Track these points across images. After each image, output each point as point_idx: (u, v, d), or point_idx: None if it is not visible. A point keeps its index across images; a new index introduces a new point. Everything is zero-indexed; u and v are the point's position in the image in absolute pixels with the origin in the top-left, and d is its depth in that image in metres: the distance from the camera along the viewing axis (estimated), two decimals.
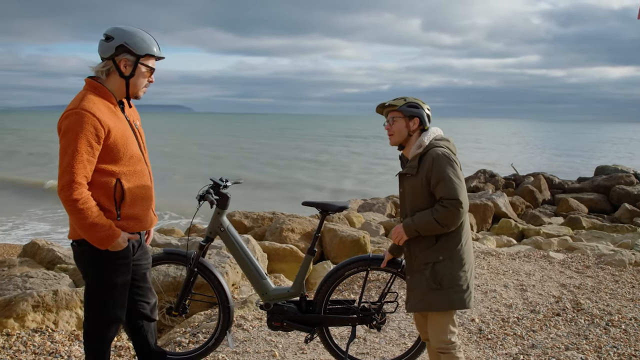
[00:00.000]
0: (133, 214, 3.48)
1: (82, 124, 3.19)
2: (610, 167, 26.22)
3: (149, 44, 3.44)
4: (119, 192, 3.38)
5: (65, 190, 3.18)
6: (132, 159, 3.45)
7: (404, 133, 3.86)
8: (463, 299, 3.75)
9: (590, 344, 5.42)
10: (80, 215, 3.22)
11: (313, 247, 4.53)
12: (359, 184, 34.77)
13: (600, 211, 19.39)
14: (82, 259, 3.52)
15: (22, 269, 7.81)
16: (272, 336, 5.34)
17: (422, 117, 3.84)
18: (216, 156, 50.35)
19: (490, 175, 26.00)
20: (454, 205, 3.58)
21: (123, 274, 3.53)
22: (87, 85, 3.43)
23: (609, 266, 8.39)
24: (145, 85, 3.53)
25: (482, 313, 6.13)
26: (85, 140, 3.19)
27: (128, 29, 3.41)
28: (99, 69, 3.43)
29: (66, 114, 3.26)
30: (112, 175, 3.36)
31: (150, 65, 3.48)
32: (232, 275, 6.69)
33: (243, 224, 10.85)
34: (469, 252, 3.82)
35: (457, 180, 3.62)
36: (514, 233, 13.43)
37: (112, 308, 3.57)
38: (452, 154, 3.72)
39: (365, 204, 18.35)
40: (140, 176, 3.51)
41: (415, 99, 3.88)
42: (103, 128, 3.26)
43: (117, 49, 3.36)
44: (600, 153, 66.43)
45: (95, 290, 3.54)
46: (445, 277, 3.71)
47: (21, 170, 36.86)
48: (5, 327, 5.16)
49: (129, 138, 3.45)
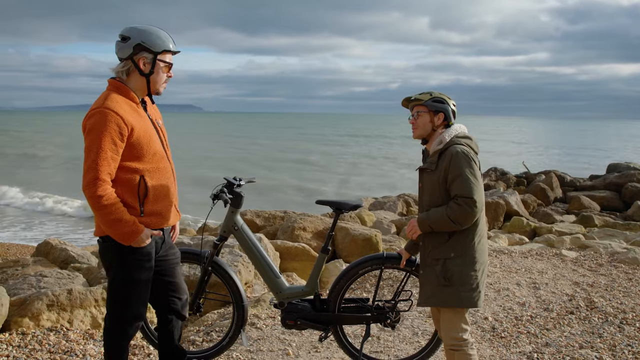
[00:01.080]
0: (156, 210, 3.54)
1: (106, 123, 3.27)
2: (622, 165, 26.09)
3: (164, 40, 3.51)
4: (143, 188, 3.44)
5: (89, 186, 3.24)
6: (155, 156, 3.51)
7: (427, 127, 3.87)
8: (472, 298, 3.74)
9: (605, 342, 5.39)
10: (105, 211, 3.28)
11: (327, 246, 4.53)
12: (340, 184, 33.62)
13: (613, 209, 19.30)
14: (106, 255, 3.59)
15: (35, 268, 7.86)
16: (286, 335, 5.35)
17: (447, 113, 3.85)
18: (206, 157, 49.53)
19: (501, 173, 25.92)
20: (467, 204, 3.58)
21: (146, 270, 3.57)
22: (110, 85, 3.50)
23: (622, 264, 8.34)
24: (164, 81, 3.60)
25: (495, 311, 6.12)
26: (109, 138, 3.26)
27: (143, 28, 3.48)
28: (119, 69, 3.50)
29: (90, 113, 3.34)
30: (136, 173, 3.42)
31: (167, 60, 3.56)
32: (245, 274, 6.70)
33: (255, 223, 10.87)
34: (482, 251, 3.80)
35: (474, 179, 3.62)
36: (525, 231, 13.37)
37: (135, 304, 3.62)
38: (471, 153, 3.72)
39: (377, 203, 18.34)
40: (163, 173, 3.57)
41: (441, 94, 3.89)
42: (126, 126, 3.33)
43: (134, 48, 3.43)
44: (612, 150, 66.07)
45: (118, 286, 3.60)
46: (455, 274, 3.72)
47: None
48: (21, 326, 5.19)
49: (151, 136, 3.52)
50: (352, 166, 44.57)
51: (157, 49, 3.47)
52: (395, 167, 43.88)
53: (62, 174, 36.24)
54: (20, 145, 59.55)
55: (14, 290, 6.04)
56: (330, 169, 42.18)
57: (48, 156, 48.16)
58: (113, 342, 3.69)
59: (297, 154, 54.99)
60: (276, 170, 38.94)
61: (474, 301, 3.75)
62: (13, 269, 8.10)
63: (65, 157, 45.98)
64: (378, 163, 47.37)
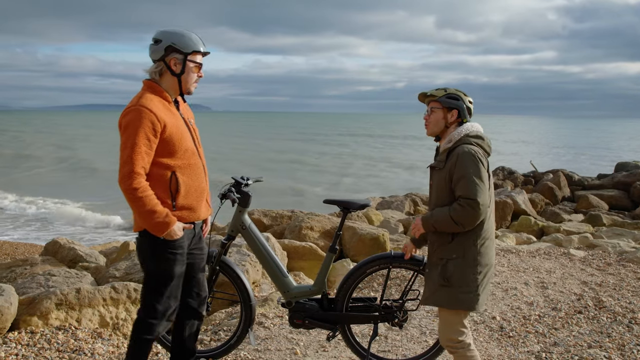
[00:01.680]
0: (187, 205, 3.69)
1: (140, 120, 3.44)
2: (630, 164, 26.00)
3: (194, 41, 3.67)
4: (174, 184, 3.60)
5: (125, 179, 3.41)
6: (186, 153, 3.67)
7: (440, 124, 3.82)
8: (469, 300, 3.68)
9: (613, 342, 5.37)
10: (139, 202, 3.44)
11: (335, 245, 4.53)
12: (330, 186, 32.75)
13: (621, 208, 19.23)
14: (141, 250, 3.73)
15: (44, 267, 7.90)
16: (294, 334, 5.35)
17: (461, 110, 3.79)
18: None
19: (509, 173, 25.89)
20: (471, 206, 3.53)
21: (179, 264, 3.72)
22: (145, 85, 3.68)
23: (631, 263, 8.30)
24: (195, 81, 3.77)
25: (503, 311, 6.11)
26: (143, 134, 3.43)
27: (173, 30, 3.66)
28: (153, 70, 3.68)
29: (126, 111, 3.51)
30: (168, 169, 3.58)
31: (197, 61, 3.71)
32: (252, 273, 6.71)
33: (262, 222, 10.89)
34: (487, 254, 3.74)
35: (479, 180, 3.56)
36: (533, 230, 13.33)
37: (166, 298, 3.75)
38: (479, 153, 3.65)
39: (384, 202, 18.33)
40: (194, 169, 3.72)
41: (457, 91, 3.83)
42: (159, 123, 3.49)
43: (166, 50, 3.60)
44: (620, 149, 65.81)
45: (151, 280, 3.74)
46: (455, 275, 3.67)
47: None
48: (30, 325, 5.22)
49: (183, 133, 3.68)
50: (345, 166, 43.86)
51: (187, 49, 3.63)
52: (389, 167, 43.32)
53: (52, 176, 36.10)
54: (13, 146, 59.13)
55: (23, 289, 6.06)
56: (322, 170, 41.62)
57: (41, 156, 47.90)
58: (140, 334, 3.80)
59: (291, 153, 54.37)
60: (268, 171, 38.49)
61: (471, 304, 3.69)
62: (22, 268, 8.14)
63: (56, 159, 45.88)
64: (372, 163, 46.55)
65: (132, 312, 5.69)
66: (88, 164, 41.47)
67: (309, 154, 55.04)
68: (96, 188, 29.49)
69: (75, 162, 43.54)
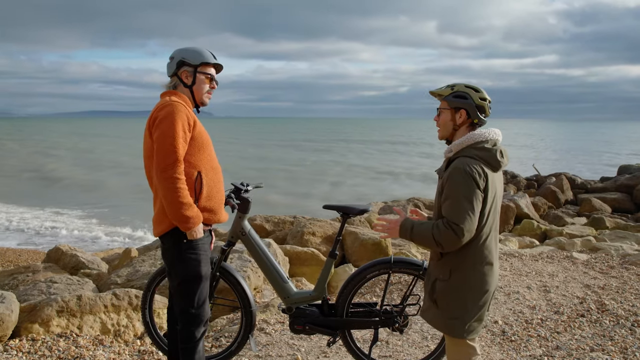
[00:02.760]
0: (209, 207, 3.78)
1: (177, 112, 3.58)
2: (633, 166, 25.98)
3: (203, 54, 3.83)
4: (199, 184, 3.69)
5: (169, 168, 3.50)
6: (210, 155, 3.81)
7: (448, 127, 3.40)
8: (456, 328, 3.31)
9: (616, 345, 5.35)
10: (179, 193, 3.51)
11: (334, 250, 4.53)
12: (300, 195, 30.92)
13: (624, 211, 19.20)
14: (168, 255, 3.78)
15: (46, 274, 7.91)
16: (295, 340, 5.34)
17: (470, 109, 3.33)
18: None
19: (511, 176, 25.87)
20: (453, 230, 3.12)
21: (205, 264, 3.81)
22: (165, 93, 3.82)
23: (634, 266, 8.28)
24: (207, 91, 3.90)
25: (505, 315, 6.09)
26: (180, 124, 3.56)
27: (186, 47, 3.84)
28: (169, 85, 3.88)
29: (161, 106, 3.63)
30: (195, 168, 3.68)
31: (208, 72, 3.86)
32: (254, 279, 6.70)
33: (264, 228, 10.88)
34: (481, 279, 3.29)
35: (467, 203, 3.12)
36: (536, 234, 13.31)
37: (201, 300, 3.84)
38: (477, 170, 3.16)
39: (386, 207, 18.30)
40: (216, 172, 3.85)
41: (467, 87, 3.36)
42: (191, 118, 3.67)
43: (177, 65, 3.80)
44: (623, 152, 65.69)
45: (186, 286, 3.79)
46: (440, 298, 3.35)
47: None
48: (31, 332, 5.22)
49: (207, 135, 3.83)
50: (319, 174, 41.58)
51: (196, 62, 3.80)
52: (369, 176, 41.75)
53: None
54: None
55: (24, 297, 6.07)
56: (296, 178, 39.66)
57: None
58: (187, 345, 3.86)
59: (269, 161, 52.63)
60: (244, 179, 37.31)
61: (459, 332, 3.30)
62: (24, 275, 8.15)
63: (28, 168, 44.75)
64: (352, 171, 44.64)
65: (134, 319, 5.69)
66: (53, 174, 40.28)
67: (284, 161, 52.99)
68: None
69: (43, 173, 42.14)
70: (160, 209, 3.67)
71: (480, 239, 3.25)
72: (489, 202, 3.21)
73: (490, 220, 3.27)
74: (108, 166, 44.81)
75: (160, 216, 3.68)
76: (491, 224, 3.29)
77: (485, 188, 3.18)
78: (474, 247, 3.25)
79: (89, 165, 45.29)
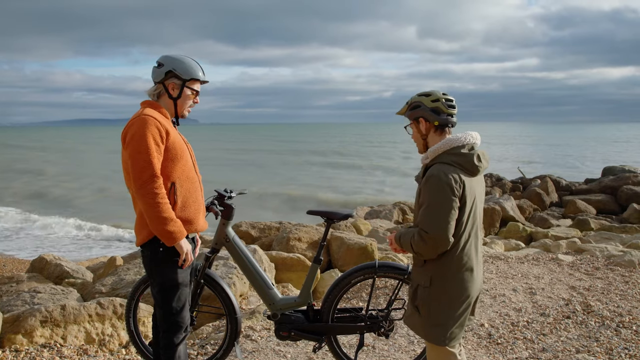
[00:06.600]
0: (184, 217, 3.71)
1: (147, 126, 3.52)
2: (617, 168, 26.16)
3: (194, 69, 3.79)
4: (172, 196, 3.64)
5: (147, 184, 3.47)
6: (185, 165, 3.74)
7: (419, 140, 3.40)
8: (437, 335, 3.29)
9: (601, 346, 5.38)
10: (159, 208, 3.49)
11: (319, 256, 4.52)
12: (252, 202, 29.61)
13: (609, 212, 19.32)
14: (147, 263, 3.77)
15: (30, 284, 7.83)
16: (281, 346, 5.32)
17: (425, 115, 3.32)
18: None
19: (497, 179, 25.97)
20: (424, 239, 3.12)
21: (183, 271, 3.77)
22: (144, 103, 3.79)
23: (619, 267, 8.33)
24: (190, 106, 3.89)
25: (492, 318, 6.10)
26: (152, 139, 3.51)
27: (176, 56, 3.78)
28: (152, 92, 3.81)
29: (131, 122, 3.60)
30: (168, 179, 3.63)
31: (195, 88, 3.84)
32: (239, 286, 6.68)
33: (250, 234, 10.84)
34: (461, 285, 3.26)
35: (442, 211, 3.09)
36: (522, 236, 13.36)
37: (181, 308, 3.81)
38: (454, 177, 3.12)
39: (372, 211, 18.33)
40: (191, 182, 3.78)
41: (419, 96, 3.38)
42: (163, 129, 3.59)
43: (166, 74, 3.74)
44: (607, 153, 66.15)
45: (165, 294, 3.76)
46: (422, 305, 3.32)
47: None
48: (14, 343, 5.16)
49: (182, 145, 3.76)
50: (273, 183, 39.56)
51: (186, 76, 3.75)
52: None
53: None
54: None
55: (8, 307, 6.01)
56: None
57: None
58: (169, 351, 3.84)
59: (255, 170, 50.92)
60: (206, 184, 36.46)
61: (440, 339, 3.28)
62: (7, 285, 8.07)
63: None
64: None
65: (118, 328, 5.64)
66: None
67: (251, 167, 52.35)
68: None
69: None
70: (138, 219, 3.67)
71: (459, 246, 3.22)
72: (467, 208, 3.18)
73: (469, 226, 3.24)
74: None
75: (139, 226, 3.67)
76: (470, 229, 3.25)
77: (463, 195, 3.14)
78: (452, 254, 3.21)
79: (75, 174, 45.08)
